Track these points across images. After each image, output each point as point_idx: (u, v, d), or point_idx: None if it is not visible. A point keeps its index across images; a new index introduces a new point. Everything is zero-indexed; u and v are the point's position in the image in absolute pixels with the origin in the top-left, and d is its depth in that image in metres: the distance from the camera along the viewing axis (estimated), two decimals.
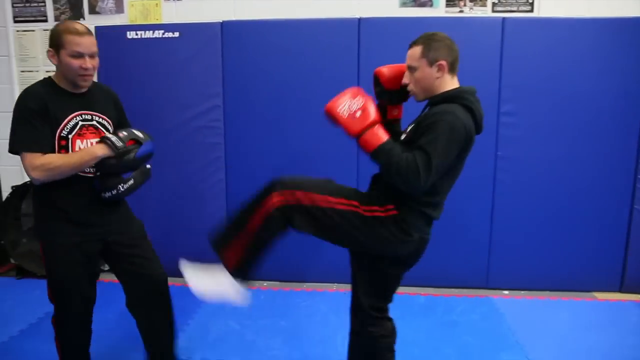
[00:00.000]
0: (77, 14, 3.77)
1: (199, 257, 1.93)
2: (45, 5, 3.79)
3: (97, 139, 1.96)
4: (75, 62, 1.84)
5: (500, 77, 3.34)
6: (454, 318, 3.14)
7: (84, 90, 1.97)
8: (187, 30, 3.55)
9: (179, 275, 1.92)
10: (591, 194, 3.44)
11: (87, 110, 1.97)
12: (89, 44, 1.88)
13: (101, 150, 1.88)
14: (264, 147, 3.59)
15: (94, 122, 1.99)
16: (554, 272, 3.46)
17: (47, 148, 1.86)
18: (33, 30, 3.82)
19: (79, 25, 1.90)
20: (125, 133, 1.95)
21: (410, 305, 3.30)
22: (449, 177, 1.78)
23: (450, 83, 1.80)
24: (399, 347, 2.74)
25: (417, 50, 1.79)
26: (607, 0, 3.43)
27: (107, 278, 3.65)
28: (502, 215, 3.48)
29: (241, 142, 3.60)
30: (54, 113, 1.87)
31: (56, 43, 1.86)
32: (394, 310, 3.17)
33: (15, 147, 1.86)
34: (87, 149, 1.91)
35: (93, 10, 3.76)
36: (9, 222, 3.71)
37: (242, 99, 3.56)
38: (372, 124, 1.73)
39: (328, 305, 3.32)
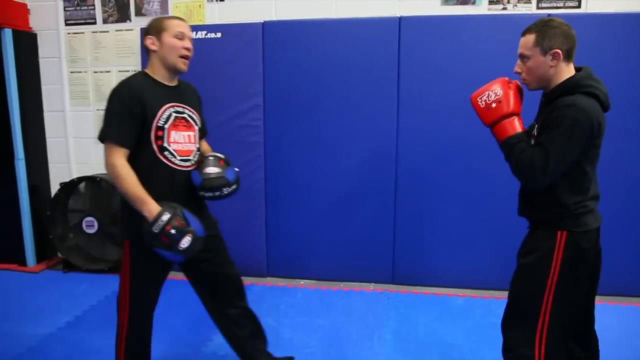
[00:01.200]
0: (124, 16, 3.87)
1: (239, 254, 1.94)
2: (94, 8, 3.91)
3: (190, 132, 2.02)
4: (179, 43, 1.93)
5: None
6: (492, 320, 3.05)
7: (175, 83, 2.03)
8: (229, 30, 3.59)
9: None
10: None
11: (179, 102, 2.01)
12: (188, 28, 1.99)
13: (147, 219, 1.82)
14: (303, 146, 3.60)
15: (185, 115, 2.02)
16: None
17: (131, 144, 1.89)
18: (82, 33, 3.95)
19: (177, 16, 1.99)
20: (173, 231, 1.81)
21: (448, 307, 3.27)
22: (588, 164, 1.72)
23: (567, 71, 1.73)
24: (436, 348, 2.72)
25: (530, 38, 1.72)
26: None
27: None
28: None
29: (281, 141, 3.62)
30: (150, 103, 1.90)
31: (158, 29, 1.94)
32: (432, 311, 3.17)
33: (103, 136, 1.88)
34: (144, 202, 1.83)
35: (139, 12, 3.85)
36: (57, 217, 3.85)
37: (282, 98, 3.58)
38: (505, 116, 1.75)
39: (365, 304, 3.31)
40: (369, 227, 3.61)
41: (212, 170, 2.01)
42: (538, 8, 3.41)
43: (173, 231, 1.79)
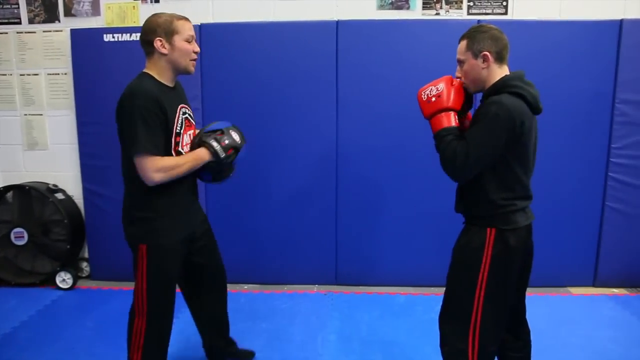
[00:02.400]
0: (52, 17, 3.69)
1: None
2: (18, 7, 3.70)
3: (194, 133, 2.09)
4: (190, 47, 1.93)
5: None
6: (433, 316, 3.10)
7: (174, 84, 2.04)
8: None
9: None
10: (564, 192, 3.50)
11: (183, 103, 2.04)
12: (193, 30, 1.99)
13: (207, 157, 1.98)
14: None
15: (187, 115, 2.06)
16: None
17: (162, 149, 1.88)
18: (6, 33, 3.73)
19: (179, 14, 1.96)
20: (226, 141, 2.02)
21: (390, 305, 3.32)
22: (517, 164, 1.78)
23: (499, 72, 1.82)
24: (379, 346, 2.76)
25: (463, 43, 1.84)
26: (578, 4, 3.49)
27: (85, 285, 3.66)
28: None
29: None
30: (167, 108, 1.88)
31: (168, 30, 1.88)
32: (375, 310, 3.22)
33: (136, 148, 1.81)
34: (195, 154, 1.97)
35: (69, 13, 3.68)
36: None
37: (220, 101, 3.53)
38: (442, 110, 1.83)
39: (309, 306, 3.31)
40: (311, 230, 3.62)
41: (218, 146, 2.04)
42: (468, 14, 3.55)
43: (226, 140, 2.02)
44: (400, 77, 3.41)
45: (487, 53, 1.78)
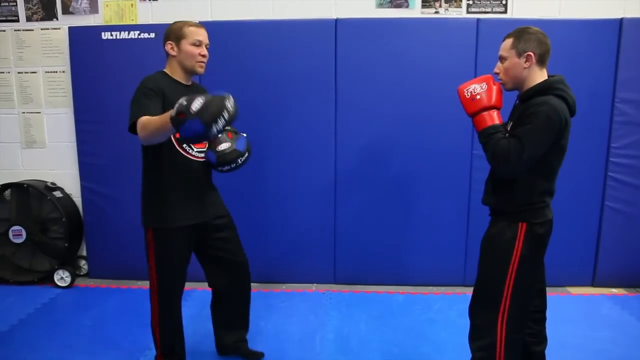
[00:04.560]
0: (50, 14, 3.68)
1: None
2: (16, 5, 3.69)
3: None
4: (196, 50, 2.12)
5: (475, 76, 3.34)
6: (431, 316, 3.15)
7: (190, 83, 2.22)
8: (163, 30, 3.45)
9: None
10: (563, 191, 3.45)
11: None
12: (205, 35, 2.18)
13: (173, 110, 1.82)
14: None
15: None
16: None
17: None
18: (4, 31, 3.71)
19: (194, 22, 2.20)
20: (197, 103, 1.72)
21: (388, 305, 3.32)
22: (555, 162, 1.89)
23: (540, 74, 1.89)
24: (378, 346, 2.76)
25: (508, 41, 1.90)
26: (577, 3, 3.48)
27: (83, 283, 3.65)
28: (478, 215, 3.49)
29: None
30: (169, 97, 2.03)
31: (177, 35, 2.12)
32: (373, 309, 3.22)
33: (131, 120, 1.97)
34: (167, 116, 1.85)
35: (67, 11, 3.67)
36: None
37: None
38: (486, 108, 1.88)
39: (307, 305, 3.31)
40: (310, 229, 3.62)
41: (223, 146, 2.18)
42: (468, 12, 3.54)
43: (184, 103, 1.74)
44: (399, 75, 3.41)
45: (531, 54, 1.85)
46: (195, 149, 2.16)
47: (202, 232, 2.28)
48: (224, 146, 2.19)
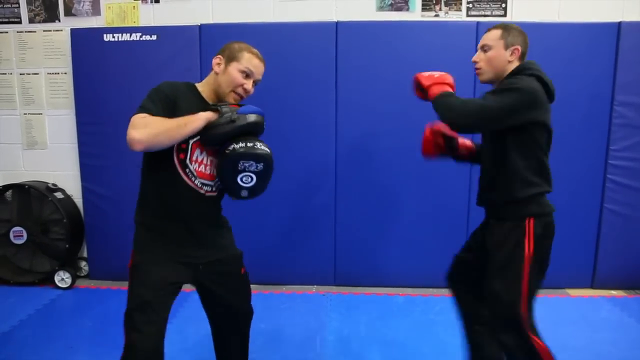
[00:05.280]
0: (52, 16, 3.68)
1: None
2: (19, 7, 3.69)
3: (211, 160, 1.83)
4: (241, 80, 1.84)
5: (475, 79, 3.34)
6: (432, 317, 3.15)
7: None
8: (165, 33, 3.50)
9: None
10: (564, 194, 3.48)
11: None
12: (261, 70, 1.91)
13: (207, 115, 1.70)
14: None
15: None
16: None
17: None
18: (6, 32, 3.72)
19: (258, 52, 1.93)
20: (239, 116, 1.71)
21: (389, 306, 3.32)
22: (542, 144, 1.83)
23: None
24: (378, 347, 2.75)
25: (496, 32, 1.91)
26: (576, 6, 3.50)
27: (84, 284, 3.65)
28: (478, 216, 3.49)
29: None
30: (182, 108, 1.74)
31: (232, 55, 1.85)
32: (373, 311, 3.21)
33: (137, 111, 1.71)
34: (194, 118, 1.69)
35: (69, 12, 3.68)
36: None
37: None
38: (444, 82, 1.90)
39: (307, 307, 3.31)
40: (310, 230, 3.62)
41: (261, 146, 1.81)
42: (467, 16, 3.55)
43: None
44: (400, 78, 3.36)
45: (519, 48, 1.88)
46: (198, 179, 1.80)
47: (195, 271, 1.89)
48: (262, 146, 1.81)
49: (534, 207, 1.83)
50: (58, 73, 3.73)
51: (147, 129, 1.62)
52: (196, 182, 1.80)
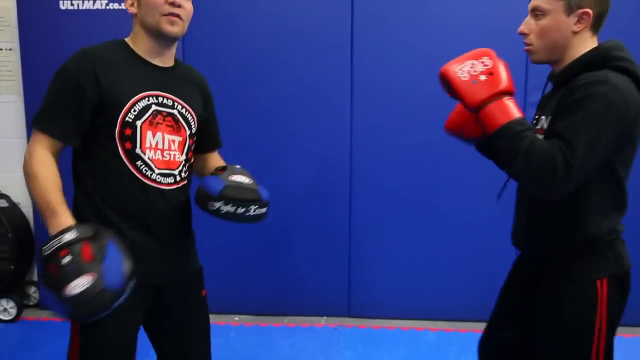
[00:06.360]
0: None
1: None
2: None
3: (177, 137, 1.74)
4: None
5: (527, 59, 3.29)
6: (471, 358, 3.04)
7: (169, 64, 1.76)
8: None
9: None
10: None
11: (167, 92, 1.72)
12: None
13: (52, 228, 1.54)
14: (239, 142, 3.40)
15: (175, 111, 1.74)
16: None
17: (67, 134, 1.63)
18: None
19: None
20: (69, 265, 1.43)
21: (417, 344, 3.29)
22: (625, 170, 1.54)
23: (590, 44, 1.57)
24: None
25: None
26: None
27: (32, 315, 3.53)
28: None
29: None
30: (114, 85, 1.62)
31: None
32: (398, 349, 3.14)
33: (33, 121, 1.63)
34: (54, 212, 1.57)
35: None
36: None
37: (205, 66, 3.46)
38: (501, 93, 1.49)
39: (315, 343, 3.28)
40: (319, 249, 3.60)
41: (242, 178, 1.72)
42: None
43: (66, 259, 1.39)
44: (430, 54, 3.30)
45: (589, 11, 1.51)
46: (156, 171, 1.69)
47: (156, 296, 1.78)
48: (242, 178, 1.72)
49: (609, 262, 1.56)
50: (1, 49, 3.68)
51: (32, 179, 1.66)
52: (153, 175, 1.69)
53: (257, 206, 1.71)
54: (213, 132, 1.99)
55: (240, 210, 1.67)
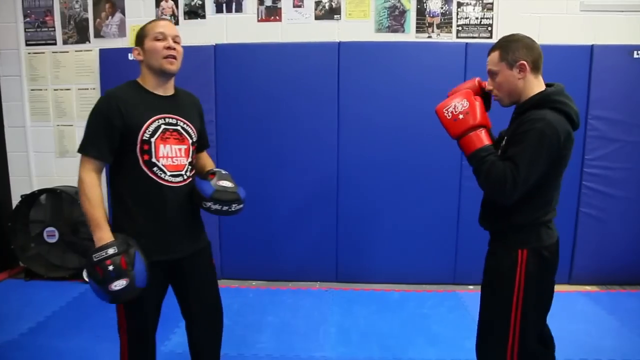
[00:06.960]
0: (84, 38, 3.70)
1: None
2: (54, 30, 3.71)
3: (187, 149, 1.77)
4: (159, 44, 1.68)
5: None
6: (424, 311, 3.12)
7: (170, 92, 1.79)
8: (184, 52, 3.47)
9: None
10: None
11: (171, 113, 1.75)
12: (170, 27, 1.74)
13: (96, 240, 1.62)
14: (253, 157, 3.54)
15: (179, 127, 1.76)
16: None
17: (106, 156, 1.67)
18: (43, 53, 3.74)
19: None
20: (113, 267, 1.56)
21: (386, 301, 3.30)
22: (556, 181, 1.60)
23: (536, 84, 1.59)
24: (376, 338, 2.73)
25: (495, 54, 1.60)
26: (554, 30, 3.51)
27: None
28: (467, 220, 3.47)
29: (233, 153, 3.53)
30: (133, 115, 1.65)
31: (140, 37, 1.72)
32: (371, 305, 3.19)
33: (79, 148, 1.68)
34: (99, 227, 1.62)
35: (98, 34, 3.69)
36: (18, 228, 3.60)
37: (233, 114, 3.51)
38: (473, 128, 1.56)
39: (311, 302, 3.28)
40: (314, 232, 3.59)
41: (226, 183, 1.78)
42: (457, 37, 3.55)
43: (111, 267, 1.54)
44: (396, 93, 3.41)
45: (524, 62, 1.55)
46: (168, 173, 1.71)
47: (178, 266, 1.81)
48: (226, 183, 1.78)
49: (531, 239, 1.59)
50: (87, 89, 3.74)
51: (83, 197, 1.67)
52: (166, 177, 1.72)
53: (237, 204, 1.80)
54: (204, 137, 1.98)
55: (225, 208, 1.77)
